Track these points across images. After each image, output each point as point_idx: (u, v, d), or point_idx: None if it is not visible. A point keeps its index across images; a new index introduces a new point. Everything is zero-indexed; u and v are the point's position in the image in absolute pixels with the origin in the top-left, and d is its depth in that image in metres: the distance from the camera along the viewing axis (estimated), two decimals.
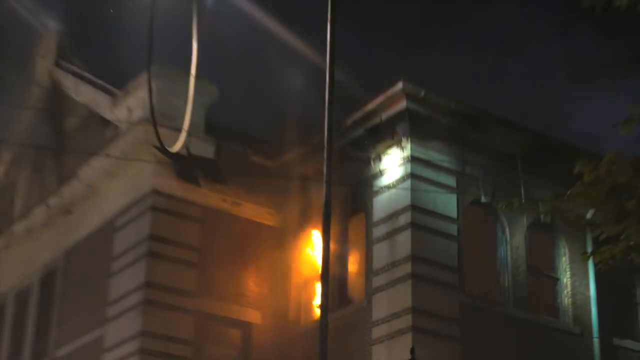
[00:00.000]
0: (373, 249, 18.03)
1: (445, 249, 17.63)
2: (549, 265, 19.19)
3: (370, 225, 18.32)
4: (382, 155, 18.24)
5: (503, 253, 18.64)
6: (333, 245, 15.98)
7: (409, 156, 17.74)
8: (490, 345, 17.47)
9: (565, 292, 18.98)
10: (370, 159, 18.45)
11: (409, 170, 17.68)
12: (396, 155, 17.99)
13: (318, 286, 18.00)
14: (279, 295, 20.00)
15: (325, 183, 13.73)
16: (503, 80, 39.99)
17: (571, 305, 18.86)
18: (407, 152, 17.78)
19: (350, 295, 18.75)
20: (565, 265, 19.15)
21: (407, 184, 17.61)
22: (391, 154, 18.09)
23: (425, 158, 17.89)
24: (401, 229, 17.51)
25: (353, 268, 19.05)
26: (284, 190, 20.15)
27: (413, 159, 17.73)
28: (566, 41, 38.63)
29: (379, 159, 18.31)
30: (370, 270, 17.94)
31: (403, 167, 17.81)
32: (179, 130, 18.13)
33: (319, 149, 15.36)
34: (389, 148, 18.11)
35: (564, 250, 19.22)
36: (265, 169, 20.44)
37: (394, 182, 17.89)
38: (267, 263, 20.27)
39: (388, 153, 18.14)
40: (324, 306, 13.51)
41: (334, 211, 14.49)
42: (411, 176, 17.64)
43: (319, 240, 17.56)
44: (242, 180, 20.07)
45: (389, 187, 17.99)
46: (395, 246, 17.53)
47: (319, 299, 14.63)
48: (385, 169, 18.20)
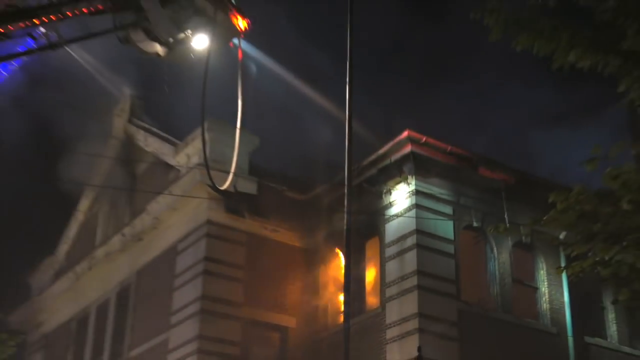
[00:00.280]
0: (386, 265, 17.94)
1: (445, 265, 17.52)
2: (530, 277, 19.01)
3: (383, 246, 18.25)
4: (392, 190, 18.21)
5: (492, 268, 18.50)
6: (353, 262, 15.94)
7: (414, 190, 17.71)
8: (483, 343, 17.29)
9: (544, 299, 18.78)
10: (382, 193, 18.42)
11: (414, 202, 17.64)
12: (403, 190, 17.95)
13: (341, 296, 17.95)
14: (310, 304, 19.91)
15: (346, 213, 13.70)
16: (486, 123, 40.39)
17: (549, 310, 18.65)
18: (412, 187, 17.75)
19: (367, 304, 18.65)
20: (543, 277, 18.96)
21: (413, 213, 17.55)
22: (399, 188, 18.05)
23: (427, 191, 17.84)
24: (408, 249, 17.44)
25: (370, 281, 18.97)
26: (313, 218, 20.14)
27: (417, 192, 17.69)
28: (534, 92, 38.93)
29: (389, 193, 18.28)
30: (384, 283, 17.84)
31: (409, 199, 17.77)
32: (227, 172, 17.92)
33: (340, 185, 15.39)
34: (398, 184, 18.09)
35: (542, 265, 19.04)
36: (298, 202, 20.44)
37: (402, 211, 17.84)
38: (300, 278, 20.21)
39: (396, 188, 18.11)
40: (346, 313, 13.43)
41: (354, 235, 14.45)
42: (416, 206, 17.59)
43: (342, 258, 17.51)
44: (279, 211, 20.07)
45: (397, 215, 17.94)
46: (404, 263, 17.44)
47: (343, 307, 14.55)
48: (394, 200, 18.16)
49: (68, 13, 11.77)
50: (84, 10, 12.05)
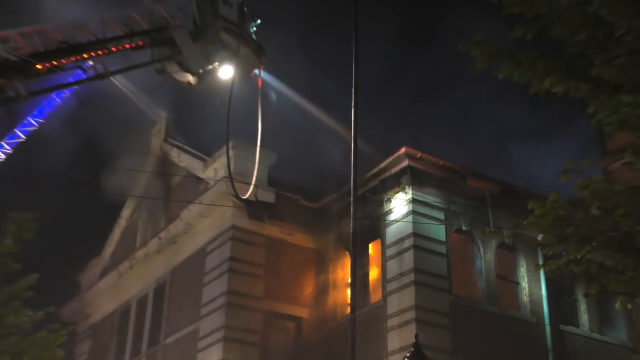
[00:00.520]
0: (387, 264, 17.91)
1: (438, 263, 17.48)
2: (512, 274, 18.93)
3: (384, 247, 18.22)
4: (392, 199, 18.20)
5: (479, 266, 18.44)
6: (358, 262, 15.92)
7: (411, 199, 17.69)
8: (472, 331, 17.22)
9: (524, 293, 18.69)
10: (383, 201, 18.40)
11: (411, 209, 17.63)
12: (401, 198, 17.94)
13: (348, 291, 17.91)
14: (321, 297, 19.87)
15: (352, 218, 13.69)
16: (470, 138, 40.68)
17: (529, 302, 18.55)
18: (409, 196, 17.74)
19: (371, 297, 18.60)
20: (523, 274, 18.87)
21: (410, 218, 17.54)
22: (398, 197, 18.04)
23: (422, 200, 17.82)
24: (406, 249, 17.41)
25: (373, 278, 18.92)
26: (323, 224, 20.13)
27: (414, 201, 17.68)
28: (511, 110, 39.23)
29: (390, 201, 18.26)
30: (385, 279, 17.81)
31: (407, 207, 17.76)
32: (249, 184, 18.10)
33: (347, 194, 15.37)
34: (396, 193, 18.08)
35: (522, 263, 18.96)
36: (310, 209, 20.43)
37: (400, 217, 17.83)
38: (313, 275, 20.18)
39: (396, 197, 18.10)
40: (352, 305, 13.38)
41: (359, 238, 14.45)
42: (413, 212, 17.58)
43: (349, 258, 17.48)
44: (294, 217, 20.07)
45: (397, 221, 17.92)
46: (402, 262, 17.41)
47: (349, 300, 14.50)
48: (394, 208, 18.14)
49: (112, 48, 11.90)
50: (127, 45, 12.19)
